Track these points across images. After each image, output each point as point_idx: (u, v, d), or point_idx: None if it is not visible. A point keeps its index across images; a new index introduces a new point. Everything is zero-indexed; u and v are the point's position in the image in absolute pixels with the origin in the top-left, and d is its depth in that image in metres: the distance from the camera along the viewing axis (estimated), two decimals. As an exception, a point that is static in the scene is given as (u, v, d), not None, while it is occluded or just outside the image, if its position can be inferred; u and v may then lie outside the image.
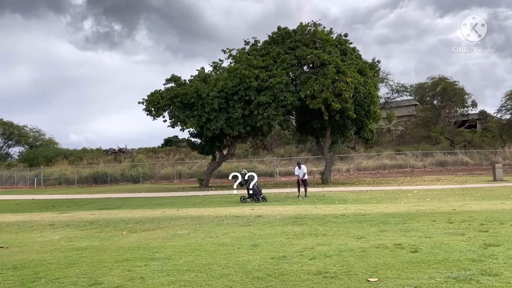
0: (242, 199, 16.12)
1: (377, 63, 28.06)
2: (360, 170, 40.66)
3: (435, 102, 50.20)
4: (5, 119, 54.17)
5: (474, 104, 49.39)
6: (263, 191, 17.56)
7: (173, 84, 25.54)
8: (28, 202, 19.98)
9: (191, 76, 26.17)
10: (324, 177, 26.95)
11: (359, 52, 27.23)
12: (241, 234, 7.85)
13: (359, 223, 8.75)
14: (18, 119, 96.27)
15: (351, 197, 16.57)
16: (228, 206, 13.77)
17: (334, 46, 25.33)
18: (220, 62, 27.40)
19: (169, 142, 53.88)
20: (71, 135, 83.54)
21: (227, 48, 26.94)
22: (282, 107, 24.01)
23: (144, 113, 25.02)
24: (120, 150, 47.13)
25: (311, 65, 24.58)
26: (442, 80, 49.06)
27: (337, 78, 23.08)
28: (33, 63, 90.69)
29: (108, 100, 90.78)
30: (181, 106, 24.21)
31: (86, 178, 37.88)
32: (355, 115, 23.82)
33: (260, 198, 16.11)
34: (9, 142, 57.05)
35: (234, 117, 23.77)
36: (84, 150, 49.81)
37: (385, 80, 48.54)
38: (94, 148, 50.70)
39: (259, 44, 26.92)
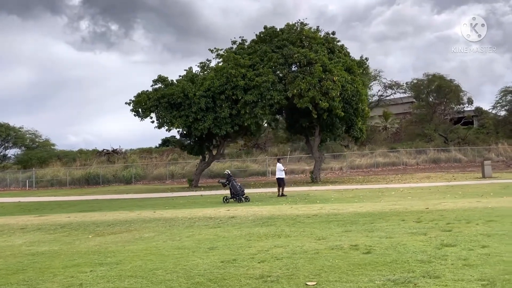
0: (224, 200, 16.07)
1: (365, 60, 28.00)
2: (353, 169, 40.54)
3: (430, 99, 50.07)
4: (2, 121, 54.04)
5: (470, 101, 49.30)
6: (253, 190, 17.52)
7: (160, 85, 25.43)
8: (13, 205, 19.90)
9: (179, 76, 26.10)
10: (314, 176, 26.90)
11: (347, 50, 27.19)
12: (205, 236, 7.78)
13: (328, 223, 8.68)
14: (16, 121, 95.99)
15: (334, 196, 16.51)
16: (208, 207, 13.70)
17: (321, 45, 25.24)
18: (208, 62, 27.31)
19: (167, 142, 53.73)
20: (69, 136, 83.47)
21: (215, 48, 26.89)
22: (269, 106, 23.92)
23: (132, 114, 24.90)
24: (114, 151, 47.02)
25: (298, 64, 24.48)
26: (437, 77, 48.96)
27: (324, 76, 23.01)
28: (31, 64, 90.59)
29: (106, 100, 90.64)
30: (168, 106, 24.13)
31: (78, 180, 37.79)
32: (343, 114, 23.75)
33: (243, 198, 16.05)
34: (6, 144, 56.88)
35: (222, 116, 23.68)
36: (81, 151, 49.68)
37: (378, 77, 48.44)
38: (91, 149, 50.59)
39: (246, 44, 26.82)
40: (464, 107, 50.71)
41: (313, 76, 22.99)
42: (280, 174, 17.99)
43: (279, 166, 18.29)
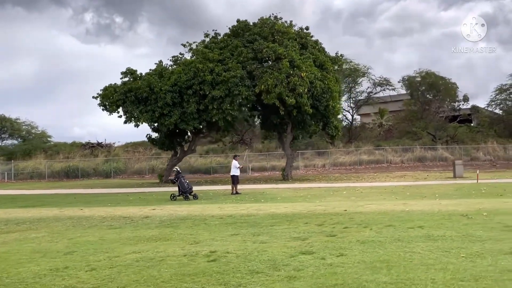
0: (172, 197, 15.81)
1: (340, 57, 27.51)
2: (336, 166, 40.18)
3: (426, 96, 49.24)
4: (6, 113, 54.12)
5: (465, 99, 48.53)
6: (215, 187, 17.23)
7: (129, 78, 25.07)
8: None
9: (150, 69, 25.75)
10: (285, 173, 26.57)
11: (322, 46, 26.69)
12: (88, 239, 7.53)
13: (227, 226, 8.41)
14: (20, 113, 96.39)
15: (287, 195, 16.18)
16: (143, 205, 13.41)
17: (292, 40, 24.80)
18: (181, 56, 26.93)
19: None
20: (75, 128, 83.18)
21: (187, 42, 26.51)
22: (238, 102, 23.56)
23: (100, 108, 24.63)
24: (99, 144, 46.88)
25: (267, 59, 24.06)
26: (429, 74, 48.24)
27: (291, 72, 22.60)
28: (35, 56, 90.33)
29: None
30: (135, 100, 23.82)
31: (58, 173, 37.68)
32: (311, 110, 23.33)
33: (191, 196, 15.79)
34: (2, 136, 56.85)
35: (189, 111, 23.33)
36: (65, 144, 49.54)
37: (367, 74, 47.81)
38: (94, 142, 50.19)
39: (219, 37, 26.40)
40: (460, 105, 49.88)
41: (281, 72, 22.60)
42: (235, 171, 17.68)
43: (235, 163, 17.99)
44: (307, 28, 26.38)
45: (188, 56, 26.41)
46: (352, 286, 4.24)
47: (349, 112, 50.55)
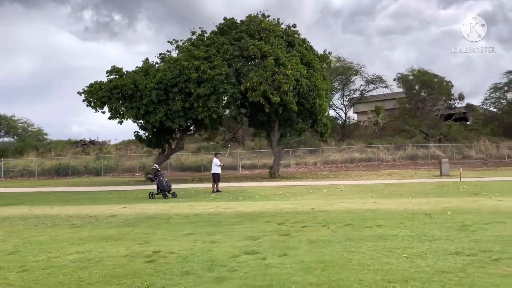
0: (150, 195, 15.70)
1: (328, 54, 27.37)
2: (327, 164, 40.05)
3: (422, 93, 49.03)
4: (6, 111, 53.77)
5: (461, 97, 48.39)
6: (198, 185, 17.10)
7: (115, 76, 24.92)
8: None
9: (136, 67, 25.59)
10: (272, 171, 26.47)
11: (310, 44, 26.54)
12: (40, 238, 7.42)
13: (189, 224, 8.30)
14: (19, 110, 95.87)
15: (266, 193, 16.08)
16: (117, 204, 13.30)
17: (279, 37, 24.64)
18: (168, 53, 26.75)
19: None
20: (73, 126, 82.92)
21: (174, 39, 26.35)
22: (223, 100, 23.42)
23: (85, 104, 24.48)
24: (91, 142, 46.74)
25: (253, 57, 23.91)
26: (421, 72, 48.11)
27: (277, 70, 22.47)
28: (34, 53, 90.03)
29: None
30: (120, 98, 23.69)
31: (49, 170, 37.53)
32: (296, 108, 23.21)
33: (170, 194, 15.68)
34: (-2, 133, 56.50)
35: (174, 109, 23.20)
36: (57, 142, 49.38)
37: (359, 72, 47.64)
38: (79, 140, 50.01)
39: (206, 35, 26.24)
40: (456, 103, 49.72)
41: (266, 70, 22.46)
42: (216, 169, 17.55)
43: (215, 161, 17.86)
44: (294, 26, 26.24)
45: (175, 53, 26.29)
46: (276, 287, 4.14)
47: (343, 110, 50.42)
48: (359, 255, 5.31)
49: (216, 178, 17.46)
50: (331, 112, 50.99)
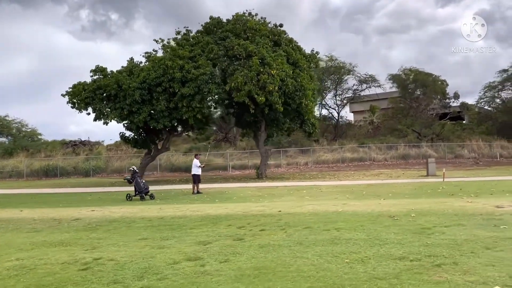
0: (127, 197, 15.51)
1: (315, 54, 27.20)
2: (319, 164, 39.88)
3: (417, 93, 48.90)
4: (1, 111, 53.38)
5: (456, 96, 48.28)
6: (181, 186, 16.95)
7: (99, 76, 24.68)
8: None
9: (121, 67, 25.36)
10: (259, 172, 26.30)
11: (297, 44, 26.36)
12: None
13: (148, 228, 8.13)
14: (17, 110, 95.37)
15: (245, 194, 15.92)
16: (91, 206, 13.10)
17: (265, 37, 24.46)
18: (154, 53, 26.53)
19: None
20: (71, 126, 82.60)
21: (160, 38, 26.14)
22: (208, 100, 23.23)
23: (69, 106, 24.25)
24: (82, 142, 46.51)
25: (238, 56, 23.72)
26: (412, 71, 47.99)
27: (262, 70, 22.29)
28: (32, 53, 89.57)
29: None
30: (104, 98, 23.47)
31: (37, 171, 37.25)
32: (282, 108, 23.05)
33: (148, 196, 15.50)
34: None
35: (158, 109, 22.99)
36: (46, 142, 49.10)
37: (352, 71, 47.49)
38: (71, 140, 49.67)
39: (191, 34, 26.03)
40: (451, 102, 49.61)
41: (251, 70, 22.28)
42: (196, 170, 17.39)
43: (196, 162, 17.70)
44: (281, 25, 26.07)
45: (160, 53, 26.07)
46: (197, 297, 3.98)
47: (335, 110, 50.29)
48: (301, 261, 5.16)
49: (196, 179, 17.30)
50: (324, 112, 50.96)
